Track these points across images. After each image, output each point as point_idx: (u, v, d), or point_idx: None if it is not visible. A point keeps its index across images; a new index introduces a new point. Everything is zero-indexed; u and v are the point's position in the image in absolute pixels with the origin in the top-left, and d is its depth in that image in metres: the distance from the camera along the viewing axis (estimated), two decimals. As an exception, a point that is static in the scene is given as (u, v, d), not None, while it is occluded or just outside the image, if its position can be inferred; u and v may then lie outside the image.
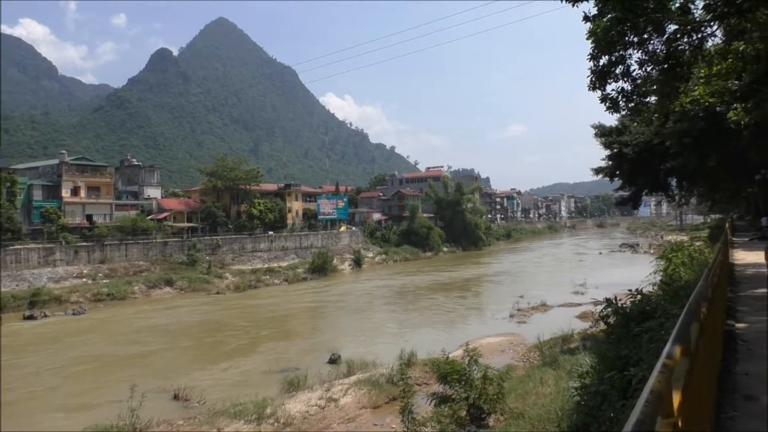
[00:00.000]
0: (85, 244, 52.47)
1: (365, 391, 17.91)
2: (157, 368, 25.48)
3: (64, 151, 68.44)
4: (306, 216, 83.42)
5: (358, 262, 70.40)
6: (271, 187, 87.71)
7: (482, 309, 39.32)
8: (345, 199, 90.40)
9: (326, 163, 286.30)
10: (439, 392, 13.97)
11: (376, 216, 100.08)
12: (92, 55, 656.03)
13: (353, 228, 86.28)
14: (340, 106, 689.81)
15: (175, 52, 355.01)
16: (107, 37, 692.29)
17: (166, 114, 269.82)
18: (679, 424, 1.95)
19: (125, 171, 74.81)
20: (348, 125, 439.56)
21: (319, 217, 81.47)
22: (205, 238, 63.03)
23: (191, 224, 67.21)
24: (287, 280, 57.86)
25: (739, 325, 8.62)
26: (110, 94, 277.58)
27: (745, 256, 20.55)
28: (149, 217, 63.65)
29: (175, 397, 19.63)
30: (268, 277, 58.07)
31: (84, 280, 48.64)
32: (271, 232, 70.80)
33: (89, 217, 59.03)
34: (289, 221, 79.79)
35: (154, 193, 72.61)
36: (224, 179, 71.11)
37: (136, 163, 78.02)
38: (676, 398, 2.02)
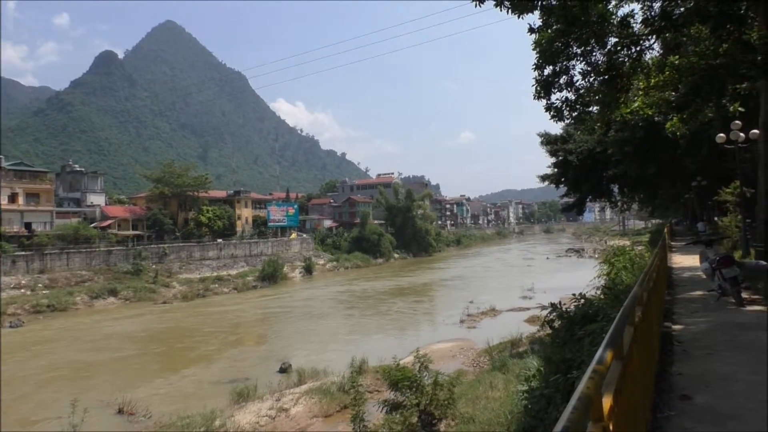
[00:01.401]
0: (23, 253, 50.29)
1: (316, 400, 17.77)
2: (103, 380, 24.62)
3: (0, 156, 65.46)
4: (256, 223, 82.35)
5: (309, 270, 69.87)
6: (220, 193, 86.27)
7: (433, 314, 39.56)
8: (295, 206, 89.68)
9: (276, 169, 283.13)
10: (390, 399, 13.95)
11: (327, 223, 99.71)
12: (32, 56, 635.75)
13: (304, 235, 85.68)
14: (291, 112, 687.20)
15: (121, 55, 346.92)
16: (49, 37, 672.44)
17: (110, 118, 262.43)
18: (610, 427, 2.02)
19: (67, 177, 72.29)
20: (299, 131, 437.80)
21: (270, 224, 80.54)
22: (152, 246, 61.38)
23: (137, 232, 65.42)
24: (237, 289, 56.90)
25: (676, 327, 8.96)
26: (51, 97, 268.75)
27: (682, 260, 21.38)
28: (92, 225, 61.63)
29: (120, 411, 18.96)
30: (217, 285, 56.97)
31: (22, 290, 46.60)
32: (220, 240, 69.51)
33: (28, 225, 56.69)
34: (239, 228, 78.60)
35: (97, 200, 70.37)
36: (171, 186, 69.44)
37: (78, 168, 75.49)
38: (607, 402, 2.10)
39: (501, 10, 12.67)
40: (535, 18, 13.08)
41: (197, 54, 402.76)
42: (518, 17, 12.80)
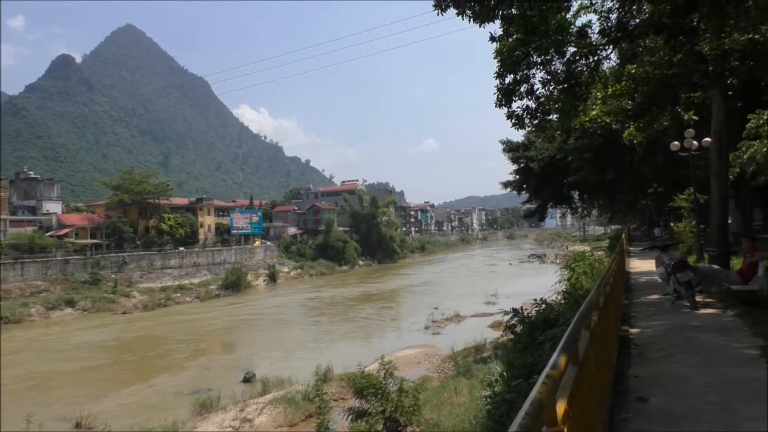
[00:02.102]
0: (-26, 263, 48.56)
1: (281, 410, 17.59)
2: (71, 391, 23.93)
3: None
4: (219, 231, 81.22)
5: (273, 278, 69.15)
6: (182, 201, 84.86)
7: (399, 320, 39.59)
8: (259, 213, 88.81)
9: (240, 176, 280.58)
10: (355, 407, 13.92)
11: (292, 230, 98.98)
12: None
13: (268, 243, 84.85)
14: (255, 118, 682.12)
15: (79, 59, 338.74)
16: (3, 40, 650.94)
17: (67, 124, 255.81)
18: (565, 431, 2.06)
19: (21, 184, 70.12)
20: (263, 138, 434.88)
21: (233, 231, 79.52)
22: (111, 255, 59.92)
23: (95, 241, 63.82)
24: (199, 298, 55.98)
25: (633, 330, 9.17)
26: (5, 102, 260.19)
27: (639, 265, 21.88)
28: (48, 234, 59.83)
29: (77, 425, 18.42)
30: (179, 294, 55.95)
31: (-27, 302, 44.94)
32: (182, 248, 68.26)
33: (-21, 235, 54.78)
34: (201, 236, 77.40)
35: (53, 207, 68.39)
36: (131, 193, 67.86)
37: (33, 175, 73.31)
38: (562, 406, 2.14)
39: (463, 19, 12.84)
40: (496, 27, 13.29)
41: (158, 59, 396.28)
42: (480, 26, 12.98)
